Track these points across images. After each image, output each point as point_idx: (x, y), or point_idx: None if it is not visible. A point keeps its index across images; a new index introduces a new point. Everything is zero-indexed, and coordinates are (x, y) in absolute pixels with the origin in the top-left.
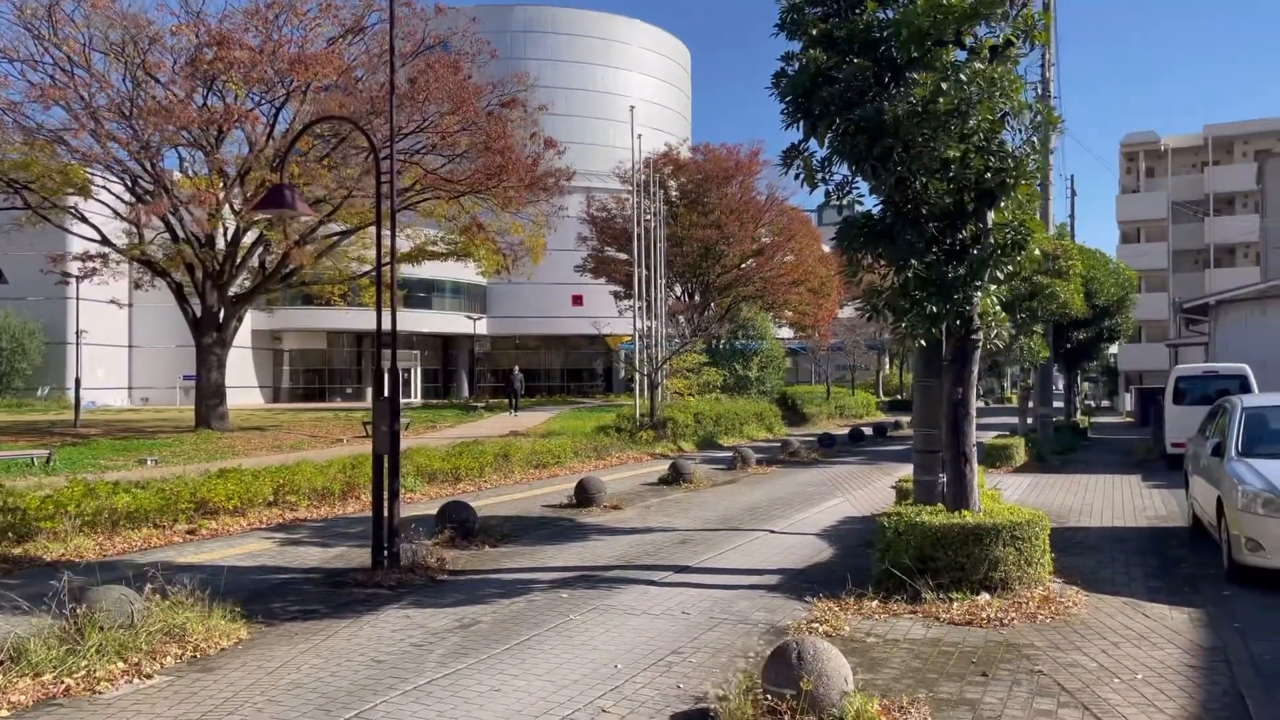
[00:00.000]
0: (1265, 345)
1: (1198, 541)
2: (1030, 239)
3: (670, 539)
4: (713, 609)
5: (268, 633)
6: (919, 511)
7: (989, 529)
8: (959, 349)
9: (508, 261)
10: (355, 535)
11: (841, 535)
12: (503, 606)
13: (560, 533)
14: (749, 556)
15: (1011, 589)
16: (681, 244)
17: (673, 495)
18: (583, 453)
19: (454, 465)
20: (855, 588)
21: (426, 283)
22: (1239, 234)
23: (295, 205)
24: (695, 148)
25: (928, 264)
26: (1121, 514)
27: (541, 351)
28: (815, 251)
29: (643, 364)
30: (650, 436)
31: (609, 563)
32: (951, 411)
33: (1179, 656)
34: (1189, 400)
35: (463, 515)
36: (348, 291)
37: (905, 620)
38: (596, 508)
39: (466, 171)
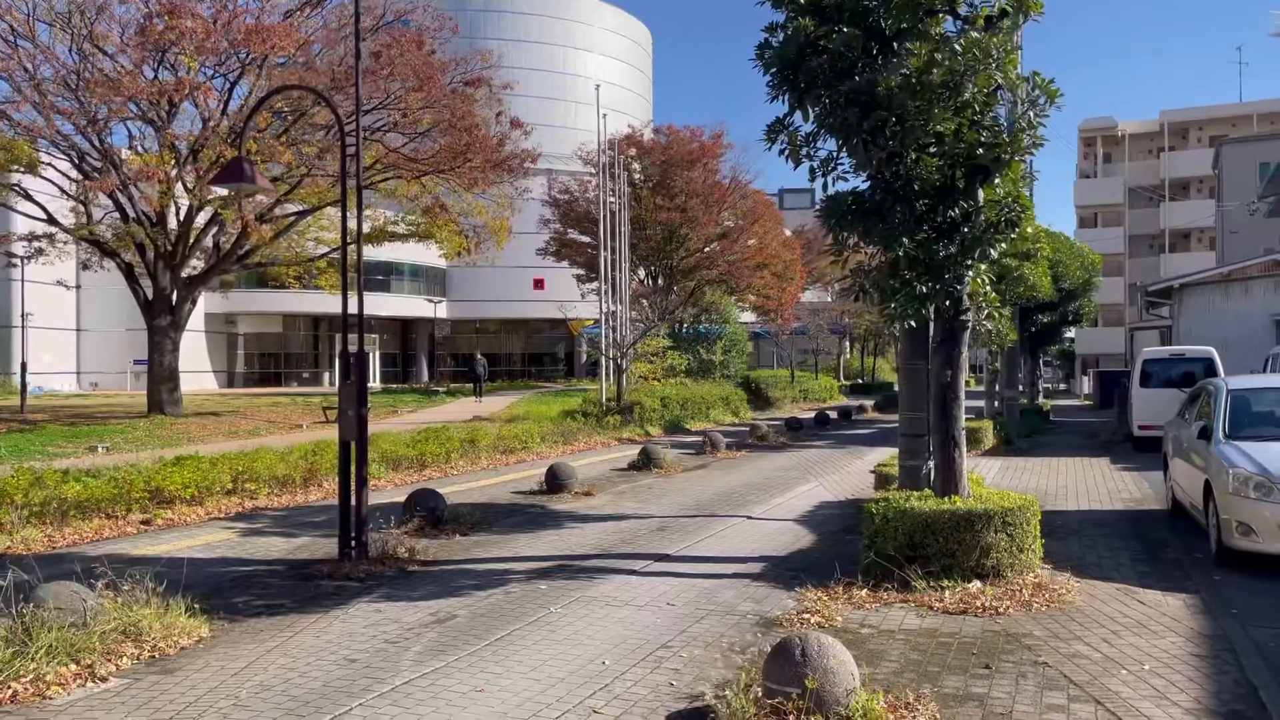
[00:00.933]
0: (1228, 328)
1: (1179, 525)
2: (1024, 216)
3: (647, 526)
4: (698, 599)
5: (231, 630)
6: (907, 497)
7: (980, 515)
8: (947, 330)
9: (471, 244)
10: (320, 524)
11: (820, 521)
12: (479, 599)
13: (533, 520)
14: (729, 544)
15: (1003, 576)
16: (645, 227)
17: (644, 481)
18: (550, 438)
19: (420, 451)
20: (843, 576)
21: (385, 265)
22: (1194, 219)
23: (255, 179)
24: (659, 129)
25: (918, 242)
26: (1097, 497)
27: (502, 335)
28: (778, 235)
29: (609, 348)
30: (617, 421)
31: (586, 551)
32: (940, 394)
33: (1182, 645)
34: (1156, 383)
35: (432, 503)
36: (304, 273)
37: (898, 609)
38: (568, 494)
39: (430, 151)
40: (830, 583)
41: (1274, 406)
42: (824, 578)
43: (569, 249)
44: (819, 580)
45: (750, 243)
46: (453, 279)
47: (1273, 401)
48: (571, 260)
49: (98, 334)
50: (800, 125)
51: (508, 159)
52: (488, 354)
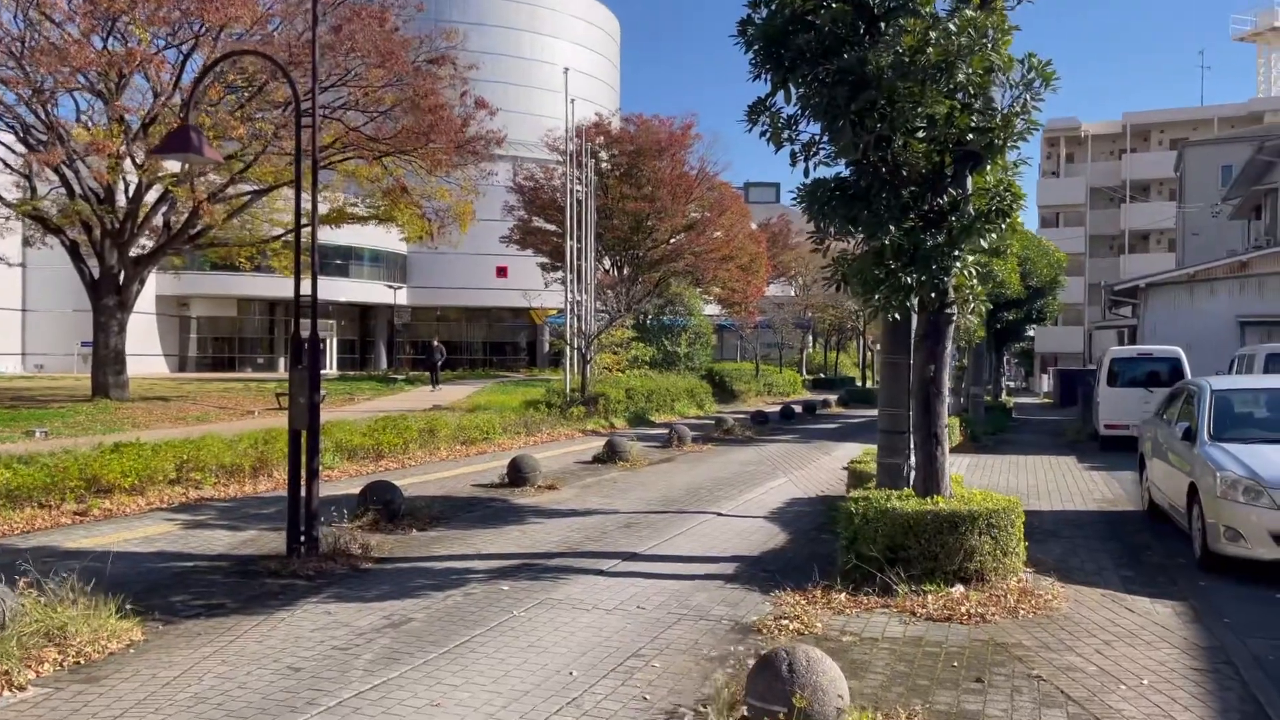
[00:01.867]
0: (1192, 328)
1: (1157, 527)
2: (1015, 205)
3: (613, 522)
4: (669, 603)
5: (166, 633)
6: (888, 497)
7: (965, 517)
8: (932, 324)
9: (433, 228)
10: (268, 517)
11: (792, 519)
12: (437, 601)
13: (494, 515)
14: (699, 542)
15: (987, 580)
16: (612, 216)
17: (610, 474)
18: (512, 429)
19: (376, 441)
20: (821, 579)
21: (344, 250)
22: (1154, 220)
23: (202, 150)
24: (627, 118)
25: (905, 230)
26: (1070, 497)
27: (463, 324)
28: (745, 228)
29: (574, 338)
30: (582, 412)
31: (551, 549)
32: (923, 390)
33: (1178, 658)
34: (1122, 382)
35: (388, 496)
36: (257, 255)
37: (879, 615)
38: (531, 488)
39: (392, 131)
40: (808, 586)
41: (1257, 408)
42: (800, 580)
43: (534, 237)
44: (795, 583)
45: (716, 235)
46: (413, 265)
47: (1256, 403)
48: (536, 249)
49: (45, 314)
50: (783, 107)
51: (472, 141)
52: (448, 342)
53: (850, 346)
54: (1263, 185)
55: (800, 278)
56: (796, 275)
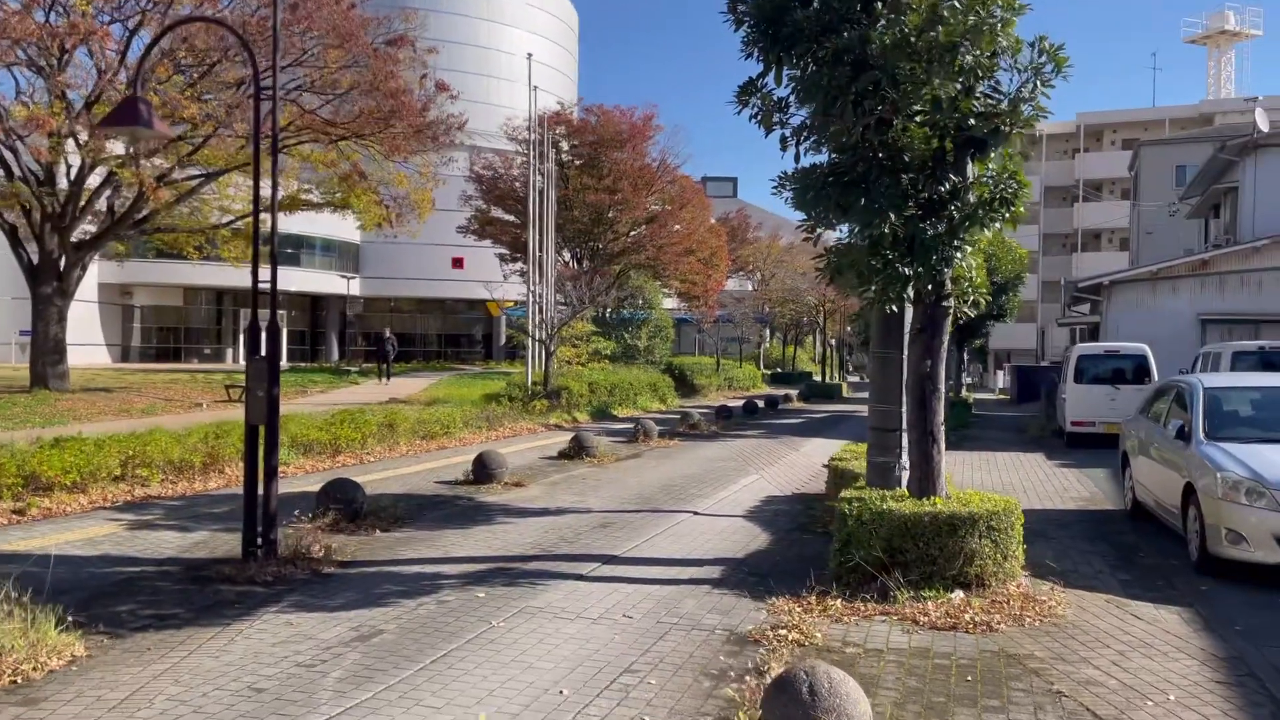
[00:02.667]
0: (1155, 326)
1: (1142, 527)
2: (1020, 194)
3: (587, 522)
4: (657, 610)
5: (112, 647)
6: (883, 497)
7: (965, 519)
8: (929, 317)
9: (390, 215)
10: (221, 516)
11: (771, 518)
12: (408, 610)
13: (461, 514)
14: (680, 543)
15: (987, 585)
16: (572, 208)
17: (577, 470)
18: (473, 423)
19: (333, 435)
20: (812, 582)
21: (295, 238)
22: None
23: (151, 123)
24: (589, 109)
25: (906, 219)
26: (1047, 495)
27: (418, 315)
28: (705, 222)
29: (536, 330)
30: (544, 406)
31: (525, 551)
32: (919, 386)
33: (1199, 670)
34: (1089, 379)
35: (349, 494)
36: (205, 243)
37: (879, 624)
38: (497, 484)
39: (350, 114)
40: (801, 591)
41: (1250, 406)
42: (791, 584)
43: (492, 227)
44: (787, 588)
45: (677, 228)
46: (367, 255)
47: (1249, 401)
48: (494, 239)
49: None
50: (774, 89)
51: (432, 125)
52: (401, 334)
53: (807, 342)
54: (1223, 184)
55: (759, 272)
56: (755, 270)
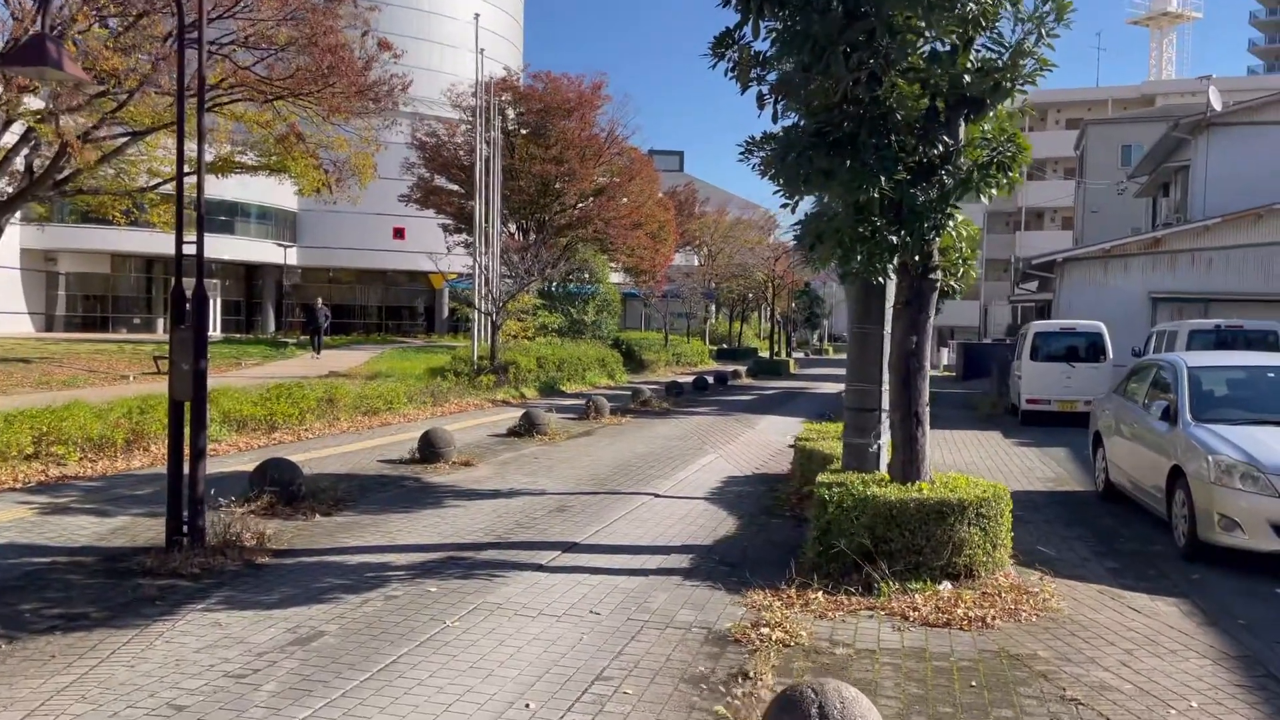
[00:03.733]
0: (1107, 304)
1: (1116, 510)
2: (1019, 158)
3: (543, 505)
4: (626, 605)
5: (11, 654)
6: (865, 482)
7: (954, 505)
8: (915, 289)
9: (330, 180)
10: (145, 499)
11: (734, 500)
12: (352, 607)
13: (408, 496)
14: (643, 528)
15: (976, 576)
16: (519, 178)
17: (528, 449)
18: (418, 398)
19: (269, 411)
20: (787, 572)
21: (230, 205)
22: (1051, 198)
23: (62, 64)
24: (536, 75)
25: (896, 183)
26: (1012, 476)
27: (358, 286)
28: (653, 195)
29: (482, 302)
30: (491, 381)
31: (478, 538)
32: (903, 363)
33: (1214, 670)
34: (1043, 356)
35: (286, 475)
36: (133, 208)
37: (866, 620)
38: (444, 464)
39: (287, 71)
40: (779, 583)
41: (1235, 387)
42: (766, 574)
43: (435, 197)
44: (763, 578)
45: (624, 200)
46: (304, 223)
47: (1233, 381)
48: (438, 209)
49: None
50: (751, 41)
51: (374, 86)
52: (340, 305)
53: (753, 318)
54: (1174, 163)
55: (706, 247)
56: (702, 245)
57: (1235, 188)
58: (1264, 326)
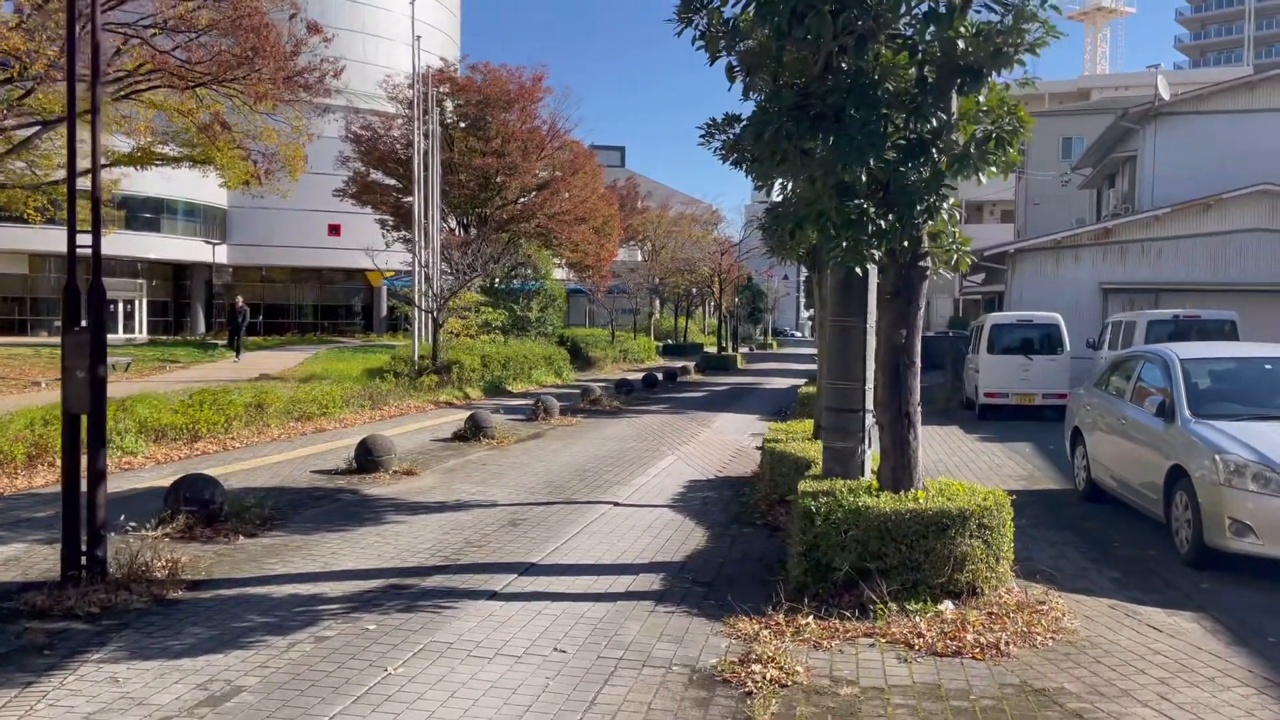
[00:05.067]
0: (1059, 295)
1: (1101, 511)
2: (1020, 133)
3: (494, 519)
4: (595, 639)
5: None
6: (854, 491)
7: (954, 516)
8: (904, 278)
9: (259, 172)
10: (45, 523)
11: (700, 507)
12: (276, 653)
13: (344, 511)
14: (605, 544)
15: (979, 593)
16: (458, 172)
17: (475, 454)
18: (355, 401)
19: (191, 419)
20: (776, 595)
21: (155, 202)
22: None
23: None
24: (474, 66)
25: (887, 161)
26: (982, 475)
27: (292, 285)
28: (597, 189)
29: (422, 299)
30: (434, 382)
31: (424, 561)
32: (892, 360)
33: (1263, 703)
34: (1000, 348)
35: (205, 493)
36: (48, 205)
37: (867, 649)
38: (385, 474)
39: (209, 54)
40: (764, 606)
41: (1230, 380)
42: (747, 595)
43: (372, 193)
44: (745, 600)
45: (567, 195)
46: (235, 221)
47: (1226, 374)
48: (375, 205)
49: None
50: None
51: (304, 71)
52: (274, 305)
53: (698, 313)
54: (1121, 153)
55: (649, 242)
56: (645, 240)
57: (1184, 177)
58: (1221, 316)
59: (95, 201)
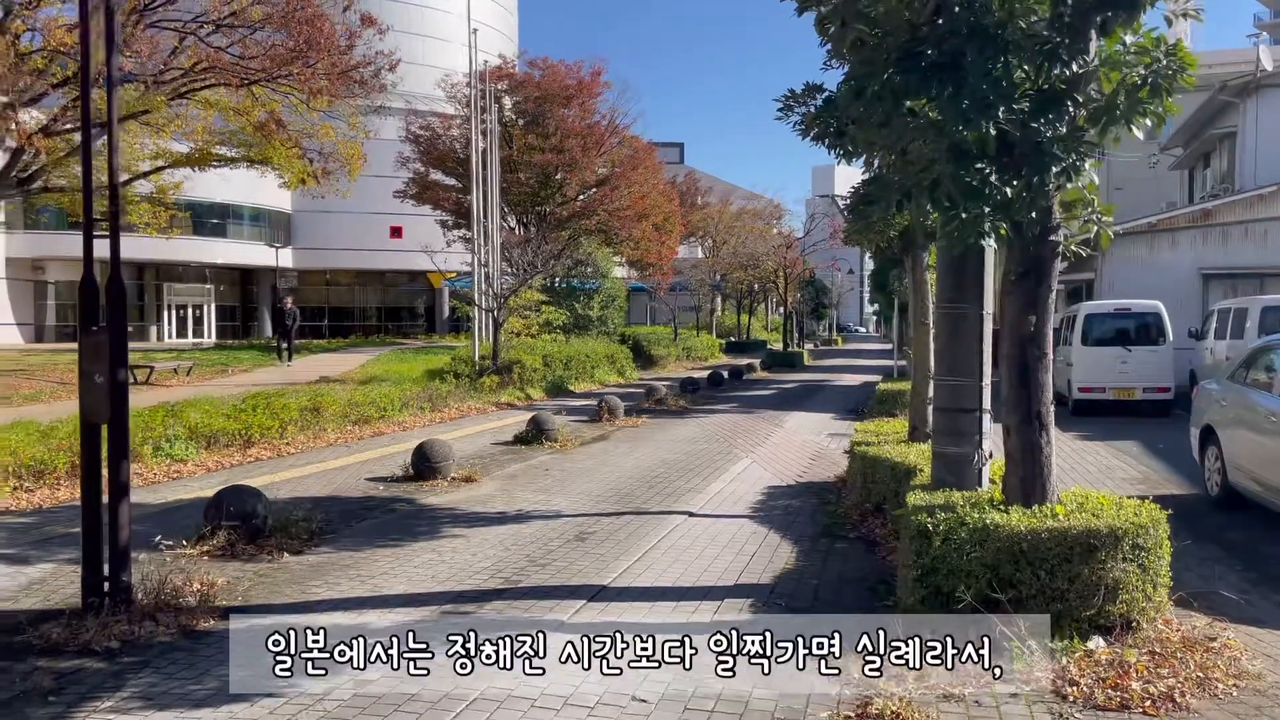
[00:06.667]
0: (1154, 281)
1: (1242, 519)
2: (1179, 77)
3: (558, 532)
4: (680, 686)
5: None
6: (978, 505)
7: (1104, 536)
8: (1033, 257)
9: (316, 171)
10: (78, 541)
11: (783, 518)
12: (310, 702)
13: (397, 524)
14: (682, 562)
15: (1135, 628)
16: (517, 170)
17: (537, 458)
18: (414, 404)
19: (244, 424)
20: (898, 635)
21: (221, 207)
22: None
23: None
24: (533, 62)
25: (1015, 117)
26: (1092, 478)
27: (356, 288)
28: (657, 185)
29: (482, 299)
30: (494, 383)
31: (481, 583)
32: (1018, 352)
33: None
34: (1095, 339)
35: (247, 506)
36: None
37: (1010, 702)
38: (442, 481)
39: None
40: (885, 647)
41: None
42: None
43: (431, 192)
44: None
45: (627, 191)
46: (299, 225)
47: None
48: (435, 204)
49: None
50: None
51: (359, 66)
52: (339, 308)
53: (759, 310)
54: (1218, 129)
55: (710, 238)
56: (706, 236)
57: None
58: None
59: (113, 189)
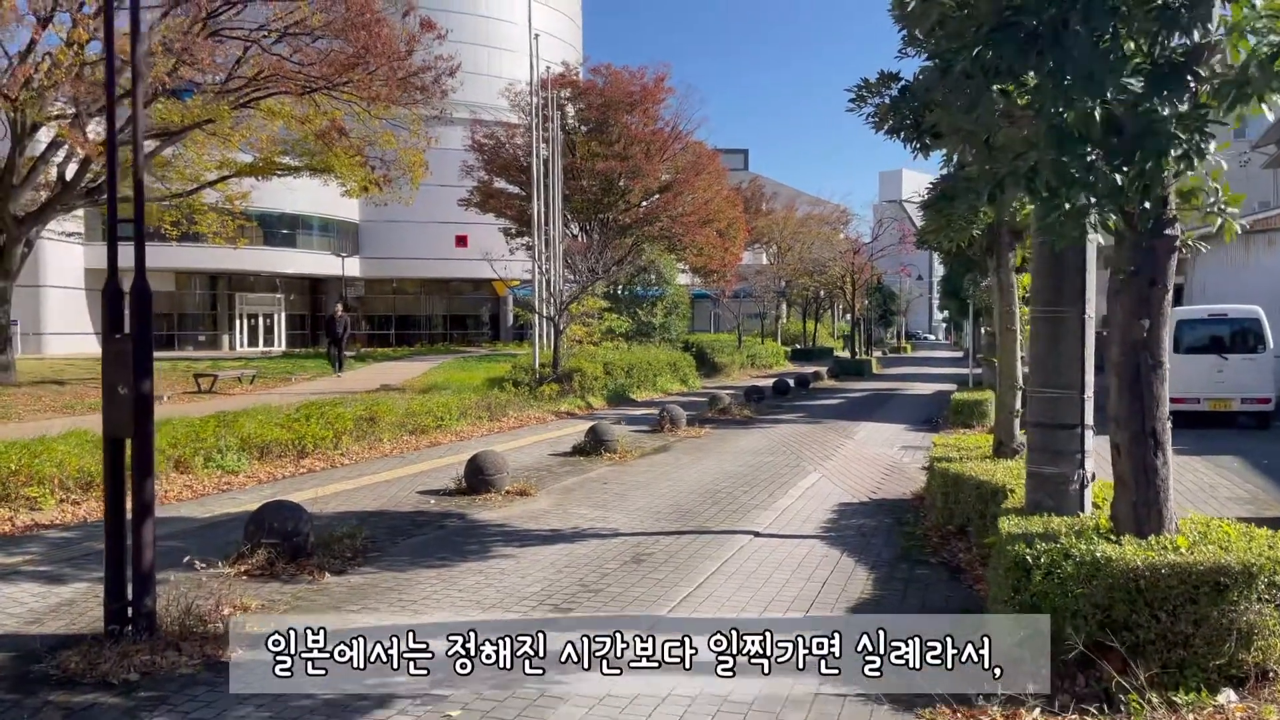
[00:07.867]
0: (1248, 285)
1: None
2: None
3: (614, 552)
4: None
5: None
6: (1084, 533)
7: (1236, 573)
8: (1146, 252)
9: (378, 178)
10: None
11: (856, 538)
12: None
13: (446, 541)
14: (748, 589)
15: (1272, 678)
16: (580, 177)
17: (595, 471)
18: (472, 412)
19: (297, 434)
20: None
21: (290, 218)
22: None
23: None
24: (595, 69)
25: (1126, 93)
26: (1192, 498)
27: (422, 297)
28: (721, 190)
29: (544, 306)
30: (554, 391)
31: (528, 611)
32: (1129, 360)
33: None
34: (1188, 347)
35: (288, 523)
36: (182, 219)
37: None
38: (496, 494)
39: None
40: (973, 696)
41: None
42: (937, 670)
43: (495, 200)
44: (950, 690)
45: (691, 197)
46: (366, 234)
47: None
48: (498, 213)
49: None
50: None
51: (419, 72)
52: (406, 316)
53: (826, 317)
54: None
55: (775, 244)
56: (770, 242)
57: None
58: None
59: (138, 184)
